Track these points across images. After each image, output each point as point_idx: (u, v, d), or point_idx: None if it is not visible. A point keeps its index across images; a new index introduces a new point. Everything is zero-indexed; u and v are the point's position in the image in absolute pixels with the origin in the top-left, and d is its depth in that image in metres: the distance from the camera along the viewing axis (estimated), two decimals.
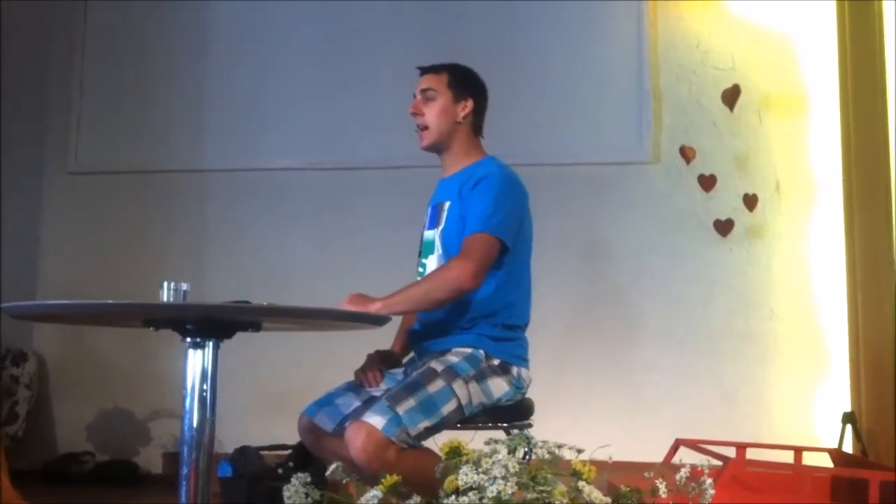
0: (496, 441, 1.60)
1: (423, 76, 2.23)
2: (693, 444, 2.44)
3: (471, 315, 2.09)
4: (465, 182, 2.13)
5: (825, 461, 2.76)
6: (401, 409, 1.85)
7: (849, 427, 3.06)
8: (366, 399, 2.07)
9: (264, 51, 4.08)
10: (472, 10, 3.87)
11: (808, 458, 2.65)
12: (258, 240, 3.95)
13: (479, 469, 1.48)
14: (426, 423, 1.88)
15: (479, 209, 2.06)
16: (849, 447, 3.06)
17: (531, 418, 2.14)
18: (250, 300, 1.83)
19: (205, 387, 1.74)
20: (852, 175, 3.27)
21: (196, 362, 1.74)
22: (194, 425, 1.73)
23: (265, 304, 1.77)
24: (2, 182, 3.97)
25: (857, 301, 3.20)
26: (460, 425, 2.02)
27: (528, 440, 1.63)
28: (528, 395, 2.16)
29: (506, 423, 2.09)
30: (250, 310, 1.76)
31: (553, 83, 3.79)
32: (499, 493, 1.44)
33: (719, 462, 2.05)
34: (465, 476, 1.47)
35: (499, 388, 2.04)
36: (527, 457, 1.66)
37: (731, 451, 2.41)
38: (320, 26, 4.05)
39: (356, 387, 2.15)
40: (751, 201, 3.54)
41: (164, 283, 1.76)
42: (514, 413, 2.10)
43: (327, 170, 3.93)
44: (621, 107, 3.74)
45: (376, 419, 1.82)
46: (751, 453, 2.51)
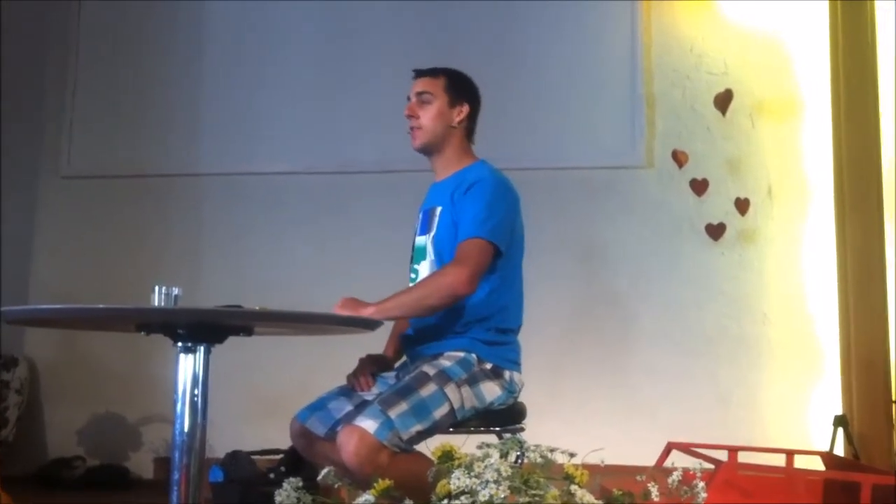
0: (488, 445, 1.60)
1: (418, 79, 2.22)
2: (685, 448, 2.44)
3: (464, 320, 2.08)
4: (456, 187, 2.13)
5: (817, 464, 2.77)
6: (393, 414, 1.85)
7: (840, 430, 3.07)
8: (358, 403, 2.06)
9: (261, 53, 4.07)
10: (468, 15, 3.87)
11: (800, 462, 2.65)
12: (254, 243, 3.94)
13: (472, 473, 1.48)
14: (418, 427, 1.88)
15: (471, 214, 2.06)
16: (840, 450, 3.07)
17: (524, 422, 2.14)
18: (246, 304, 1.83)
19: (196, 391, 1.74)
20: (844, 179, 3.28)
21: (187, 367, 1.74)
22: (185, 430, 1.73)
23: (257, 308, 1.77)
24: None
25: (849, 305, 3.21)
26: (452, 429, 2.02)
27: (521, 444, 1.63)
28: (521, 399, 2.16)
29: (498, 427, 2.09)
30: (241, 314, 1.76)
31: (547, 88, 3.80)
32: (491, 496, 1.44)
33: (711, 465, 2.04)
34: (458, 480, 1.47)
35: (491, 392, 2.04)
36: (519, 461, 1.66)
37: (723, 455, 2.41)
38: (319, 27, 4.04)
39: (348, 391, 2.14)
40: (743, 205, 3.55)
41: (156, 288, 1.76)
42: (507, 417, 2.10)
43: (324, 174, 3.92)
44: (615, 111, 3.75)
45: (368, 423, 1.82)
46: (743, 456, 2.52)
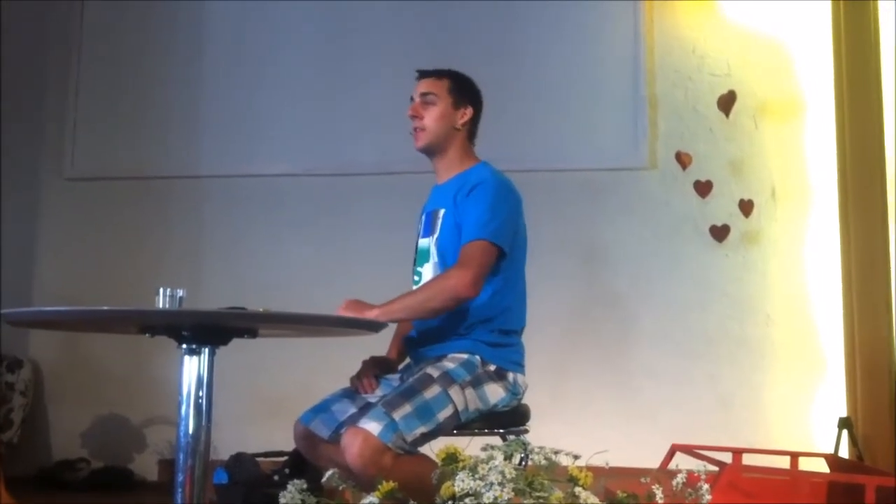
0: (492, 447, 1.60)
1: (422, 79, 2.22)
2: (689, 450, 2.44)
3: (468, 321, 2.09)
4: (459, 189, 2.13)
5: (821, 466, 2.75)
6: (397, 416, 1.85)
7: (845, 432, 3.06)
8: (362, 405, 2.06)
9: (261, 53, 4.07)
10: (469, 15, 3.87)
11: (805, 464, 2.63)
12: (255, 245, 3.94)
13: (476, 475, 1.48)
14: (422, 429, 1.88)
15: (475, 216, 2.06)
16: (845, 452, 3.07)
17: (527, 424, 2.14)
18: (247, 306, 1.83)
19: (200, 393, 1.74)
20: (848, 181, 3.27)
21: (192, 369, 1.74)
22: (190, 432, 1.73)
23: (261, 310, 1.77)
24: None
25: (853, 306, 3.21)
26: (456, 431, 2.02)
27: (525, 446, 1.63)
28: (524, 401, 2.16)
29: (502, 429, 2.09)
30: (246, 316, 1.76)
31: (550, 89, 3.80)
32: (495, 498, 1.44)
33: (715, 467, 2.04)
34: (462, 482, 1.47)
35: (495, 393, 2.04)
36: (523, 463, 1.66)
37: (727, 457, 2.40)
38: (319, 27, 4.03)
39: (352, 393, 2.14)
40: (746, 207, 3.55)
41: (160, 290, 1.76)
42: (511, 419, 2.10)
43: (324, 175, 3.92)
44: (617, 113, 3.74)
45: (372, 425, 1.82)
46: (747, 458, 2.50)
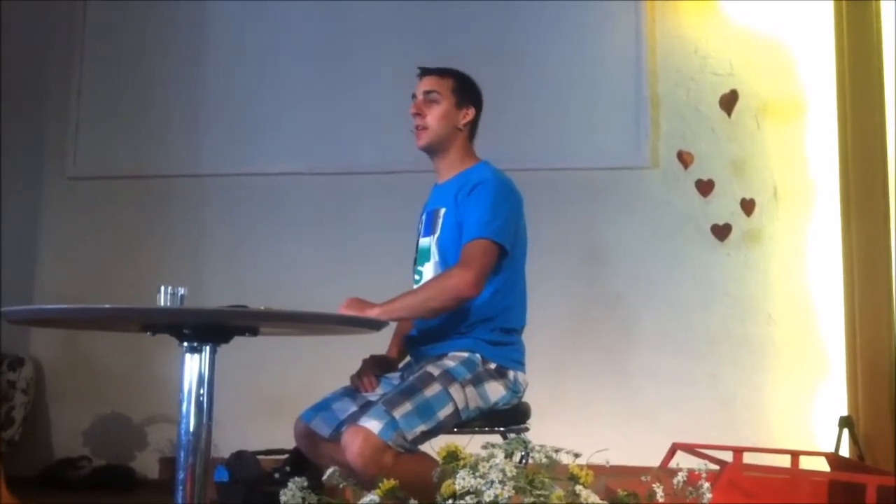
0: (493, 445, 1.60)
1: (426, 77, 2.21)
2: (690, 448, 2.44)
3: (469, 320, 2.09)
4: (460, 188, 2.13)
5: (822, 465, 2.76)
6: (397, 414, 1.85)
7: (846, 431, 3.06)
8: (362, 404, 2.07)
9: (261, 53, 4.07)
10: (470, 15, 3.87)
11: (805, 463, 2.64)
12: (256, 244, 3.94)
13: (477, 473, 1.48)
14: (423, 427, 1.88)
15: (476, 215, 2.06)
16: (846, 451, 3.06)
17: (528, 422, 2.14)
18: (247, 304, 1.83)
19: (202, 391, 1.74)
20: (850, 180, 3.27)
21: (193, 367, 1.74)
22: (191, 430, 1.73)
23: (262, 308, 1.78)
24: (1, 186, 3.97)
25: (855, 306, 3.21)
26: (457, 429, 2.02)
27: (525, 444, 1.63)
28: (525, 399, 2.16)
29: (502, 428, 2.09)
30: (248, 314, 1.76)
31: (552, 88, 3.79)
32: (496, 497, 1.44)
33: (716, 466, 2.04)
34: (463, 480, 1.47)
35: (495, 392, 2.04)
36: (524, 461, 1.66)
37: (728, 455, 2.41)
38: (319, 27, 4.03)
39: (352, 392, 2.15)
40: (748, 206, 3.55)
41: (162, 288, 1.76)
42: (511, 417, 2.10)
43: (325, 174, 3.92)
44: (619, 112, 3.74)
45: (373, 423, 1.82)
46: (748, 457, 2.51)
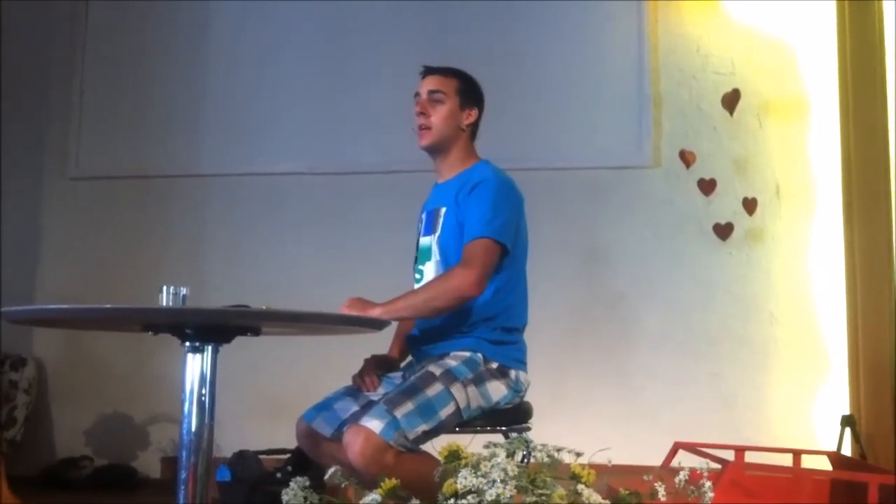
0: (495, 444, 1.60)
1: (430, 76, 2.21)
2: (692, 448, 2.44)
3: (470, 319, 2.09)
4: (461, 187, 2.13)
5: (824, 464, 2.75)
6: (399, 413, 1.85)
7: (848, 430, 3.06)
8: (364, 404, 2.07)
9: (261, 53, 4.07)
10: (471, 15, 3.86)
11: (807, 462, 2.64)
12: (257, 244, 3.94)
13: (478, 472, 1.48)
14: (424, 426, 1.88)
15: (477, 214, 2.06)
16: (848, 450, 3.06)
17: (529, 422, 2.14)
18: (249, 304, 1.83)
19: (203, 391, 1.74)
20: (852, 179, 3.27)
21: (195, 367, 1.75)
22: (193, 429, 1.73)
23: (264, 307, 1.78)
24: (1, 186, 3.97)
25: (857, 304, 3.20)
26: (459, 429, 2.02)
27: (527, 443, 1.63)
28: (526, 399, 2.16)
29: (504, 427, 2.09)
30: (250, 314, 1.77)
31: (552, 88, 3.79)
32: (498, 496, 1.44)
33: (718, 465, 2.04)
34: (464, 479, 1.47)
35: (497, 391, 2.04)
36: (525, 460, 1.66)
37: (729, 455, 2.40)
38: (319, 27, 4.03)
39: (354, 391, 2.15)
40: (750, 205, 3.54)
41: (164, 288, 1.76)
42: (513, 416, 2.10)
43: (326, 174, 3.92)
44: (621, 111, 3.73)
45: (374, 423, 1.82)
46: (750, 456, 2.51)
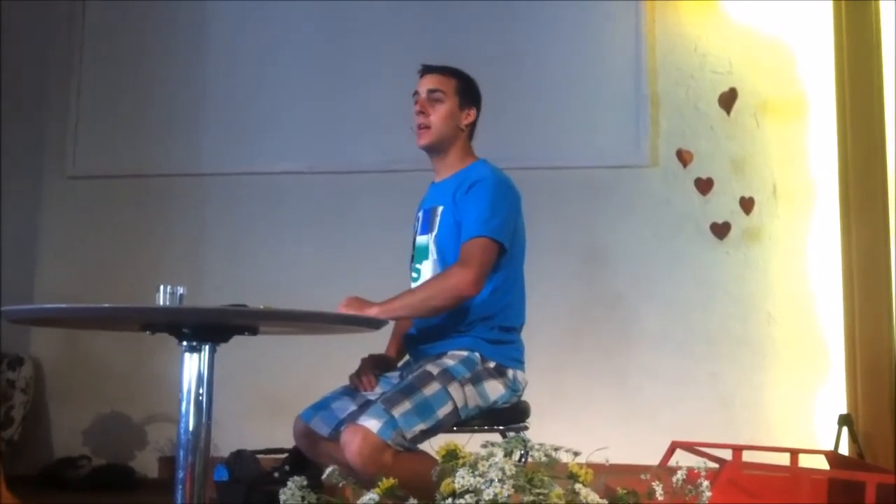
0: (492, 444, 1.61)
1: (429, 75, 2.20)
2: (689, 447, 2.44)
3: (468, 319, 2.09)
4: (458, 186, 2.13)
5: (822, 463, 2.76)
6: (396, 413, 1.85)
7: (845, 429, 3.06)
8: (361, 403, 2.07)
9: (261, 53, 4.07)
10: (471, 15, 3.87)
11: (805, 461, 2.64)
12: (256, 243, 3.94)
13: (476, 472, 1.48)
14: (422, 426, 1.88)
15: (475, 213, 2.06)
16: (845, 449, 3.07)
17: (527, 421, 2.15)
18: (247, 304, 1.83)
19: (201, 391, 1.74)
20: (849, 179, 3.27)
21: (192, 366, 1.74)
22: (190, 429, 1.73)
23: (262, 307, 1.77)
24: (1, 186, 3.97)
25: (854, 304, 3.21)
26: (456, 428, 2.02)
27: (525, 443, 1.63)
28: (524, 398, 2.16)
29: (502, 426, 2.09)
30: (247, 313, 1.76)
31: (551, 87, 3.79)
32: (495, 495, 1.44)
33: (716, 464, 2.04)
34: (462, 479, 1.47)
35: (494, 390, 2.04)
36: (523, 459, 1.66)
37: (727, 454, 2.41)
38: (319, 27, 4.03)
39: (352, 391, 2.15)
40: (748, 205, 3.55)
41: (161, 287, 1.76)
42: (510, 416, 2.10)
43: (325, 173, 3.92)
44: (619, 111, 3.74)
45: (372, 422, 1.82)
46: (747, 455, 2.51)
